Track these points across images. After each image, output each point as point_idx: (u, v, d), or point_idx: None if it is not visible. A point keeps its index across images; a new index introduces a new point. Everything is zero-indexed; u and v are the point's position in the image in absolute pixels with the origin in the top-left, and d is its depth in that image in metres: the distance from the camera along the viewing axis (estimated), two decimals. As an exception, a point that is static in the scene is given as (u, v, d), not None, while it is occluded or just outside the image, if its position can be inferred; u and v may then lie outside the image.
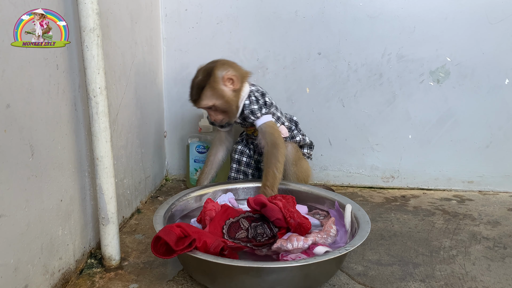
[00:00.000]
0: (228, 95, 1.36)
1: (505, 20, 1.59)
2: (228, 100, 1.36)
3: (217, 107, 1.36)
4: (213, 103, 1.35)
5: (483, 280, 1.10)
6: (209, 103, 1.35)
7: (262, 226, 1.16)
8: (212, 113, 1.38)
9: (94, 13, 0.97)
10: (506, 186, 1.73)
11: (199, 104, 1.36)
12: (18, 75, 0.84)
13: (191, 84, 1.38)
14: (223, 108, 1.37)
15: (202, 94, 1.34)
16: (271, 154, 1.35)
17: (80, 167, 1.09)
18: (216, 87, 1.34)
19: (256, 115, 1.38)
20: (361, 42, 1.66)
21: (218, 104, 1.35)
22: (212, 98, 1.35)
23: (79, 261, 1.11)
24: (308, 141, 1.53)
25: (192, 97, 1.37)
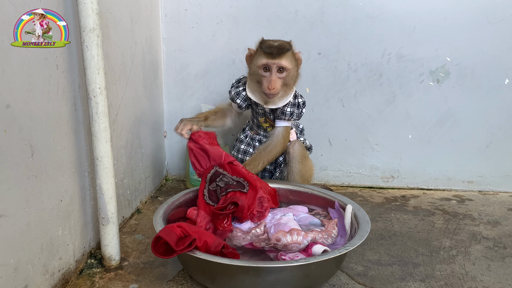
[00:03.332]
0: (297, 73, 1.42)
1: (505, 20, 1.59)
2: (295, 75, 1.41)
3: (287, 75, 1.37)
4: (291, 67, 1.36)
5: (483, 280, 1.10)
6: (288, 66, 1.35)
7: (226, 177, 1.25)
8: (276, 79, 1.35)
9: (94, 13, 0.97)
10: (506, 186, 1.73)
11: (280, 60, 1.34)
12: (18, 75, 0.84)
13: (266, 44, 1.36)
14: (289, 79, 1.38)
15: (287, 54, 1.35)
16: (268, 149, 1.43)
17: (80, 167, 1.09)
18: (295, 57, 1.39)
19: (289, 117, 1.43)
20: (361, 42, 1.66)
21: (291, 71, 1.37)
22: (291, 63, 1.37)
23: (79, 261, 1.11)
24: (308, 144, 1.55)
25: (273, 51, 1.33)
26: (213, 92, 1.76)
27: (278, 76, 1.35)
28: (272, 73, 1.35)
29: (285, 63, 1.34)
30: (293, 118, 1.44)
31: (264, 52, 1.35)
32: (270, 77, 1.35)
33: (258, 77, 1.38)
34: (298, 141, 1.48)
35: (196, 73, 1.75)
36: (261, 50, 1.36)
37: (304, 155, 1.48)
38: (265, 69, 1.36)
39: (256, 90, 1.41)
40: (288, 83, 1.38)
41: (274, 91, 1.35)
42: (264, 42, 1.38)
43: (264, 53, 1.35)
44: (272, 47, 1.34)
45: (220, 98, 1.74)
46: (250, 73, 1.42)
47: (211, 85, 1.76)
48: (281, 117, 1.44)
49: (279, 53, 1.33)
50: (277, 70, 1.35)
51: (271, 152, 1.43)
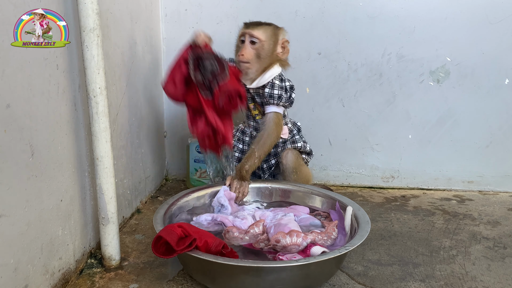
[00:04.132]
0: (274, 51, 1.39)
1: (505, 20, 1.59)
2: (271, 52, 1.38)
3: (261, 47, 1.36)
4: (264, 38, 1.36)
5: (483, 280, 1.10)
6: (261, 36, 1.36)
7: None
8: (247, 48, 1.36)
9: (94, 13, 0.97)
10: (506, 186, 1.73)
11: (252, 30, 1.36)
12: (18, 75, 0.84)
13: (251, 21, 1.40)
14: (262, 53, 1.37)
15: (263, 27, 1.37)
16: (262, 139, 1.39)
17: (80, 167, 1.09)
18: (276, 37, 1.39)
19: (276, 100, 1.40)
20: (361, 42, 1.66)
21: (265, 44, 1.36)
22: (266, 36, 1.36)
23: (79, 261, 1.11)
24: (308, 149, 1.51)
25: (251, 23, 1.39)
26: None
27: (250, 46, 1.37)
28: (245, 42, 1.37)
29: (257, 33, 1.36)
30: (282, 102, 1.40)
31: (244, 24, 1.41)
32: (243, 46, 1.38)
33: (238, 49, 1.41)
34: (291, 150, 1.45)
35: (196, 73, 1.75)
36: (243, 24, 1.42)
37: (299, 164, 1.45)
38: (242, 41, 1.39)
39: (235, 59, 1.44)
40: (261, 55, 1.37)
41: (243, 58, 1.36)
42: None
43: (243, 25, 1.41)
44: (253, 21, 1.40)
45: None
46: (235, 49, 1.45)
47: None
48: (270, 101, 1.40)
49: (255, 25, 1.38)
50: (250, 41, 1.37)
51: (265, 144, 1.39)
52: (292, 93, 1.42)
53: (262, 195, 1.42)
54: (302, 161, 1.48)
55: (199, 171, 1.69)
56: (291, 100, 1.42)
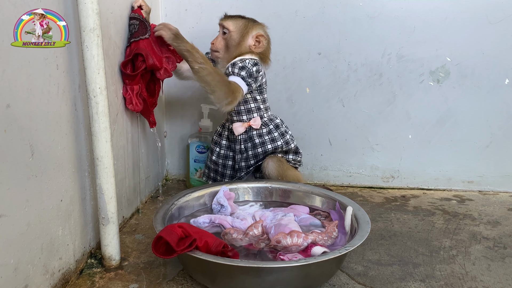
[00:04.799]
0: (244, 42, 1.43)
1: (505, 20, 1.59)
2: (240, 43, 1.43)
3: (229, 37, 1.43)
4: (233, 29, 1.43)
5: (483, 280, 1.10)
6: (230, 27, 1.43)
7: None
8: (218, 37, 1.46)
9: (94, 13, 0.97)
10: (506, 186, 1.73)
11: (224, 21, 1.45)
12: (18, 75, 0.84)
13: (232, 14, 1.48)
14: (230, 41, 1.43)
15: (234, 19, 1.45)
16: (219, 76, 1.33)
17: (80, 167, 1.09)
18: (248, 29, 1.43)
19: (233, 70, 1.37)
20: (361, 42, 1.66)
21: (233, 35, 1.43)
22: (236, 27, 1.43)
23: (79, 261, 1.11)
24: (293, 146, 1.48)
25: (227, 15, 1.47)
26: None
27: (222, 36, 1.45)
28: (219, 33, 1.47)
29: (227, 24, 1.43)
30: (236, 71, 1.35)
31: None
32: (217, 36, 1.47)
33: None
34: (271, 158, 1.43)
35: (196, 73, 1.75)
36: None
37: (283, 170, 1.42)
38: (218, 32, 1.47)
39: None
40: (229, 45, 1.43)
41: (213, 47, 1.46)
42: None
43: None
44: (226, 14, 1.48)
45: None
46: None
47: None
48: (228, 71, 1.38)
49: (228, 17, 1.46)
50: (222, 32, 1.45)
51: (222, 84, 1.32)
52: (252, 66, 1.37)
53: (262, 195, 1.42)
54: (286, 166, 1.45)
55: (199, 171, 1.69)
56: (250, 72, 1.36)
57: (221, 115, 1.75)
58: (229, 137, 1.50)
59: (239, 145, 1.46)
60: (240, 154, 1.46)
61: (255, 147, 1.44)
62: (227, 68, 1.40)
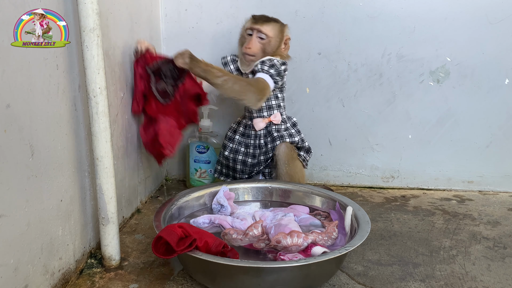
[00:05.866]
0: (279, 47, 1.45)
1: (505, 20, 1.59)
2: (276, 48, 1.44)
3: (268, 42, 1.42)
4: (272, 35, 1.42)
5: (483, 280, 1.10)
6: (269, 33, 1.42)
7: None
8: (255, 42, 1.42)
9: (94, 13, 0.97)
10: (506, 186, 1.73)
11: (261, 26, 1.41)
12: (18, 75, 0.84)
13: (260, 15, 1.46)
14: (268, 47, 1.42)
15: (272, 23, 1.43)
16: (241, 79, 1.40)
17: (80, 167, 1.09)
18: (282, 33, 1.45)
19: (262, 68, 1.40)
20: (361, 42, 1.66)
21: (272, 41, 1.42)
22: (274, 32, 1.43)
23: (79, 261, 1.11)
24: (306, 145, 1.52)
25: (260, 17, 1.44)
26: (213, 92, 1.76)
27: (258, 40, 1.42)
28: (253, 36, 1.42)
29: (266, 29, 1.41)
30: (265, 69, 1.39)
31: (252, 18, 1.46)
32: (251, 39, 1.43)
33: (243, 40, 1.46)
34: (285, 143, 1.45)
35: (196, 73, 1.75)
36: (251, 17, 1.47)
37: (292, 157, 1.45)
38: (249, 34, 1.44)
39: (240, 56, 1.48)
40: (267, 50, 1.43)
41: (250, 51, 1.42)
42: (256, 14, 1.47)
43: (251, 19, 1.46)
44: (259, 15, 1.45)
45: (220, 98, 1.74)
46: (239, 38, 1.50)
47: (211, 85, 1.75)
48: (256, 70, 1.41)
49: (264, 20, 1.43)
50: (258, 36, 1.42)
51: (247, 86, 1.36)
52: (278, 63, 1.41)
53: (262, 195, 1.42)
54: (295, 155, 1.48)
55: (199, 171, 1.69)
56: (276, 68, 1.40)
57: (221, 116, 1.75)
58: (245, 133, 1.51)
59: (259, 140, 1.48)
60: (259, 148, 1.48)
61: (274, 140, 1.46)
62: (256, 65, 1.43)
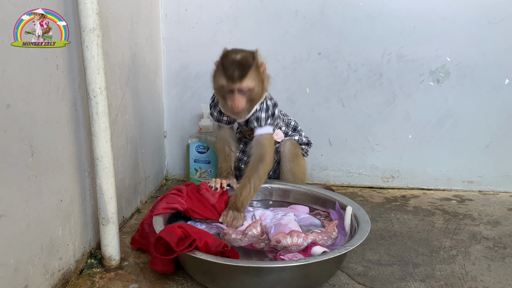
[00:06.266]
0: (263, 84, 1.30)
1: (505, 20, 1.59)
2: (261, 88, 1.29)
3: (251, 93, 1.27)
4: (254, 85, 1.25)
5: (483, 280, 1.10)
6: (251, 85, 1.24)
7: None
8: (239, 98, 1.26)
9: (94, 13, 0.97)
10: (506, 186, 1.73)
11: (240, 84, 1.23)
12: (18, 75, 0.84)
13: (227, 61, 1.25)
14: (254, 95, 1.28)
15: (248, 73, 1.23)
16: (255, 167, 1.31)
17: (80, 167, 1.09)
18: (259, 71, 1.27)
19: (260, 123, 1.34)
20: (361, 42, 1.66)
21: (256, 89, 1.27)
22: (254, 80, 1.25)
23: (79, 261, 1.11)
24: (304, 140, 1.52)
25: (233, 74, 1.22)
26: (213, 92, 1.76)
27: (241, 96, 1.26)
28: (234, 94, 1.26)
29: (246, 84, 1.24)
30: (267, 122, 1.34)
31: (224, 74, 1.25)
32: (233, 97, 1.26)
33: (222, 92, 1.29)
34: (290, 139, 1.46)
35: (196, 73, 1.75)
36: (221, 70, 1.26)
37: (296, 154, 1.45)
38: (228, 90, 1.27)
39: (224, 105, 1.32)
40: (253, 98, 1.29)
41: (238, 110, 1.27)
42: (224, 59, 1.27)
43: (224, 75, 1.25)
44: (231, 70, 1.23)
45: (220, 98, 1.74)
46: (215, 88, 1.33)
47: (211, 85, 1.75)
48: (254, 125, 1.35)
49: (240, 76, 1.23)
50: (239, 91, 1.26)
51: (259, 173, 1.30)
52: (275, 109, 1.36)
53: (262, 195, 1.42)
54: (300, 152, 1.48)
55: (199, 171, 1.69)
56: (276, 116, 1.36)
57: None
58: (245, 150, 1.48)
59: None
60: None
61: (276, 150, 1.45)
62: (251, 122, 1.35)
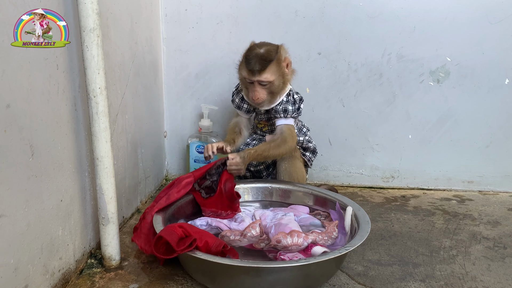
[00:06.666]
0: (285, 78, 1.37)
1: (505, 20, 1.59)
2: (283, 82, 1.37)
3: (272, 85, 1.34)
4: (274, 79, 1.33)
5: (483, 280, 1.10)
6: (271, 78, 1.32)
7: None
8: (259, 90, 1.34)
9: (94, 13, 0.97)
10: (506, 186, 1.73)
11: (259, 76, 1.31)
12: (18, 75, 0.84)
13: (250, 55, 1.33)
14: (274, 88, 1.35)
15: (268, 67, 1.31)
16: (276, 141, 1.37)
17: (80, 167, 1.09)
18: (280, 65, 1.34)
19: (286, 114, 1.40)
20: (361, 42, 1.66)
21: (276, 82, 1.34)
22: (274, 74, 1.33)
23: (79, 261, 1.11)
24: (312, 146, 1.52)
25: (253, 67, 1.30)
26: (213, 92, 1.76)
27: (261, 88, 1.34)
28: (255, 85, 1.34)
29: (265, 77, 1.31)
30: (289, 114, 1.40)
31: (247, 68, 1.33)
32: (253, 88, 1.35)
33: (244, 83, 1.39)
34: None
35: (196, 73, 1.75)
36: (244, 65, 1.35)
37: (292, 155, 1.45)
38: (249, 83, 1.36)
39: (246, 94, 1.42)
40: (273, 91, 1.36)
41: (259, 101, 1.36)
42: (249, 52, 1.35)
43: (245, 67, 1.34)
44: (252, 63, 1.31)
45: (220, 98, 1.74)
46: (239, 78, 1.42)
47: (211, 85, 1.76)
48: (276, 116, 1.41)
49: (260, 70, 1.31)
50: (259, 84, 1.34)
51: (275, 147, 1.37)
52: (300, 104, 1.43)
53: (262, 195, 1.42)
54: (296, 154, 1.47)
55: (199, 171, 1.69)
56: (298, 111, 1.42)
57: (221, 116, 1.75)
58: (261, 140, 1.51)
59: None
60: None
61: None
62: (278, 113, 1.40)
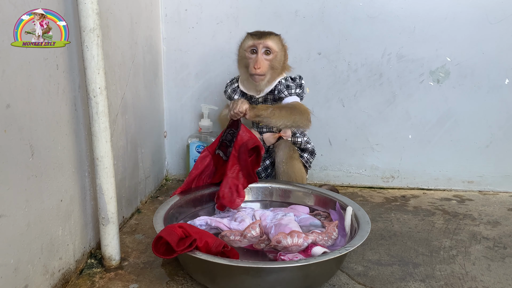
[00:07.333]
0: (284, 62, 1.43)
1: (505, 20, 1.59)
2: (283, 62, 1.43)
3: (274, 58, 1.39)
4: (277, 49, 1.39)
5: (483, 280, 1.10)
6: (274, 46, 1.39)
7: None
8: (262, 60, 1.37)
9: (94, 13, 0.97)
10: (506, 186, 1.73)
11: (265, 40, 1.38)
12: (18, 75, 0.84)
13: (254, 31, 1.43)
14: (276, 62, 1.40)
15: (272, 36, 1.40)
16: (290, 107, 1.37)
17: (80, 167, 1.09)
18: (282, 44, 1.43)
19: (290, 90, 1.41)
20: (361, 42, 1.66)
21: (278, 56, 1.40)
22: (277, 46, 1.40)
23: (79, 261, 1.11)
24: (310, 148, 1.52)
25: (259, 33, 1.40)
26: (213, 92, 1.76)
27: (264, 57, 1.39)
28: (259, 53, 1.38)
29: (271, 43, 1.38)
30: (292, 90, 1.41)
31: (251, 35, 1.41)
32: (256, 57, 1.38)
33: (246, 61, 1.41)
34: (286, 141, 1.45)
35: (196, 73, 1.75)
36: (249, 34, 1.43)
37: (290, 156, 1.45)
38: (252, 51, 1.40)
39: (246, 79, 1.44)
40: (275, 66, 1.40)
41: (260, 71, 1.37)
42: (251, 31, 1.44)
43: (251, 36, 1.41)
44: (258, 32, 1.41)
45: (220, 98, 1.74)
46: (239, 60, 1.45)
47: (211, 85, 1.76)
48: (281, 96, 1.41)
49: (265, 35, 1.39)
50: (263, 52, 1.39)
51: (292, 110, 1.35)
52: (301, 81, 1.45)
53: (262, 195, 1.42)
54: (295, 155, 1.46)
55: (199, 171, 1.69)
56: (302, 88, 1.44)
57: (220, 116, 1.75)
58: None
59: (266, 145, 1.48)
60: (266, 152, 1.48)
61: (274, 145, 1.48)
62: (281, 92, 1.41)
